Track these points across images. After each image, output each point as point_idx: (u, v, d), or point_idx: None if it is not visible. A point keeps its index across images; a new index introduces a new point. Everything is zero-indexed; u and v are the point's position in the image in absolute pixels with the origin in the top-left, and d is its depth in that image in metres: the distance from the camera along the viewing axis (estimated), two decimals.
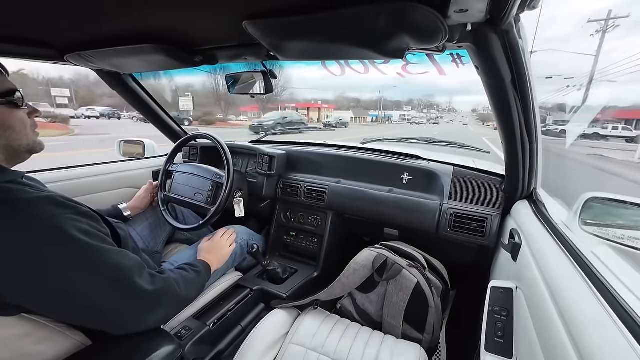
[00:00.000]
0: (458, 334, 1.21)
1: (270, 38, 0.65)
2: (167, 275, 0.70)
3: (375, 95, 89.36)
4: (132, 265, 0.60)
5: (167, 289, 0.67)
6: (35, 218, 0.51)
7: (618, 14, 17.93)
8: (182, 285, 0.72)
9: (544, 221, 0.77)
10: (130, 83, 1.30)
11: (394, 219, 1.23)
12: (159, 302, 0.63)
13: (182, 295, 0.71)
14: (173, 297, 0.68)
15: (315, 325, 0.92)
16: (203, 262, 0.93)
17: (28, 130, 0.61)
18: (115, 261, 0.57)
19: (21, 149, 0.59)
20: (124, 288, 0.57)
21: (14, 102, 0.57)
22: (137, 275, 0.60)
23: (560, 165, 6.76)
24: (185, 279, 0.76)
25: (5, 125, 0.56)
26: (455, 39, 0.57)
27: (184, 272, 0.79)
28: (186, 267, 0.83)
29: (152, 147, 1.68)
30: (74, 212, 0.56)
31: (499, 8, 0.46)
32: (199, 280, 0.84)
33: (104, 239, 0.59)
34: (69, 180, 1.24)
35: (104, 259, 0.56)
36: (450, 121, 54.98)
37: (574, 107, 12.20)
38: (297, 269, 1.38)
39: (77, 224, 0.55)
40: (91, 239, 0.55)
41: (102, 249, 0.56)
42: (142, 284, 0.60)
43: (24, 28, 0.70)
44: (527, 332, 0.54)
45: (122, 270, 0.58)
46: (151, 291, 0.61)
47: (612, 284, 0.45)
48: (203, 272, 0.87)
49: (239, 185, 1.31)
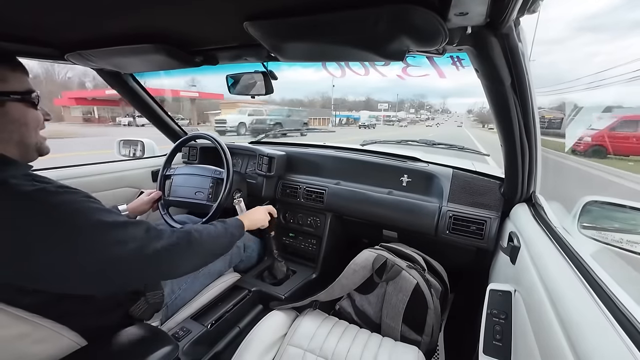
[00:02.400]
0: (456, 336, 1.21)
1: (270, 39, 0.65)
2: (186, 229, 0.71)
3: (362, 96, 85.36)
4: (149, 229, 0.63)
5: (186, 238, 0.68)
6: (51, 206, 0.52)
7: (604, 18, 17.92)
8: (204, 235, 0.74)
9: (542, 224, 0.77)
10: (130, 83, 1.30)
11: (393, 221, 1.23)
12: (180, 252, 0.66)
13: (204, 242, 0.73)
14: (195, 246, 0.70)
15: (314, 326, 0.92)
16: (235, 220, 0.92)
17: (38, 130, 0.63)
18: (134, 231, 0.59)
19: (31, 147, 0.61)
20: (150, 251, 0.60)
21: (32, 101, 0.60)
22: (155, 236, 0.62)
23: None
24: (208, 230, 0.77)
25: (20, 121, 0.58)
26: (455, 41, 0.58)
27: (208, 226, 0.80)
28: (214, 222, 0.85)
29: (151, 146, 1.68)
30: (85, 195, 0.58)
31: (499, 11, 0.46)
32: (225, 233, 0.83)
33: (118, 214, 0.61)
34: (68, 179, 1.24)
35: (128, 231, 0.58)
36: (436, 125, 47.14)
37: (573, 109, 12.27)
38: (295, 270, 1.37)
39: (94, 205, 0.57)
40: (105, 216, 0.57)
41: (122, 223, 0.58)
42: (161, 243, 0.62)
43: (25, 27, 0.69)
44: (526, 336, 0.54)
45: (143, 237, 0.60)
46: (170, 244, 0.64)
47: (610, 288, 0.45)
48: (231, 226, 0.87)
49: (238, 185, 1.31)
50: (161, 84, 19.37)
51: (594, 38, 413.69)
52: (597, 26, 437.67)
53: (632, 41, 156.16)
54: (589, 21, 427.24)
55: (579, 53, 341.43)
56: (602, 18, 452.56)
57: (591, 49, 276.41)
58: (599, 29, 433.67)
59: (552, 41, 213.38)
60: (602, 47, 57.78)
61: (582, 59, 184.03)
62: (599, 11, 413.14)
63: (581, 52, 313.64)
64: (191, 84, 26.53)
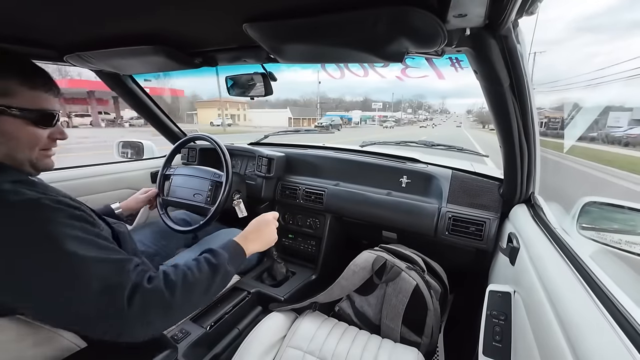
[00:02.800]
0: (456, 337, 1.21)
1: (270, 41, 0.65)
2: (153, 286, 0.55)
3: (357, 96, 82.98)
4: (121, 279, 0.53)
5: (151, 302, 0.54)
6: (24, 222, 0.50)
7: (601, 18, 18.01)
8: (178, 291, 0.57)
9: (542, 225, 0.77)
10: (129, 84, 1.30)
11: (393, 222, 1.23)
12: (144, 317, 0.53)
13: (176, 303, 0.57)
14: (163, 309, 0.55)
15: (313, 328, 0.92)
16: (233, 246, 0.73)
17: (36, 148, 0.59)
18: (100, 273, 0.51)
19: (24, 162, 0.58)
20: (110, 302, 0.51)
21: (33, 119, 0.57)
22: (122, 288, 0.52)
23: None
24: (187, 281, 0.60)
25: (11, 135, 0.55)
26: (454, 43, 0.58)
27: (188, 272, 0.61)
28: (201, 261, 0.66)
29: (150, 148, 1.68)
30: (66, 215, 0.53)
31: (498, 13, 0.47)
32: (214, 277, 0.65)
33: (98, 245, 0.54)
34: (67, 180, 1.24)
35: (89, 270, 0.50)
36: (432, 126, 45.21)
37: (572, 109, 12.14)
38: (295, 271, 1.37)
39: (68, 230, 0.51)
40: (76, 246, 0.51)
41: (87, 259, 0.51)
42: (125, 301, 0.51)
43: (24, 28, 0.69)
44: (525, 337, 0.54)
45: (107, 284, 0.51)
46: (136, 307, 0.52)
47: (610, 289, 0.45)
48: (226, 263, 0.67)
49: (237, 187, 1.31)
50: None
51: (593, 39, 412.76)
52: (596, 26, 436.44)
53: (632, 41, 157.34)
54: (587, 22, 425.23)
55: (578, 54, 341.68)
56: (601, 18, 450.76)
57: (590, 50, 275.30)
58: (598, 29, 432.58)
59: (551, 42, 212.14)
60: (601, 48, 58.09)
61: (582, 59, 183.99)
62: (598, 11, 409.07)
63: (580, 52, 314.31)
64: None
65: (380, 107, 70.76)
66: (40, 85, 0.59)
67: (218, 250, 0.70)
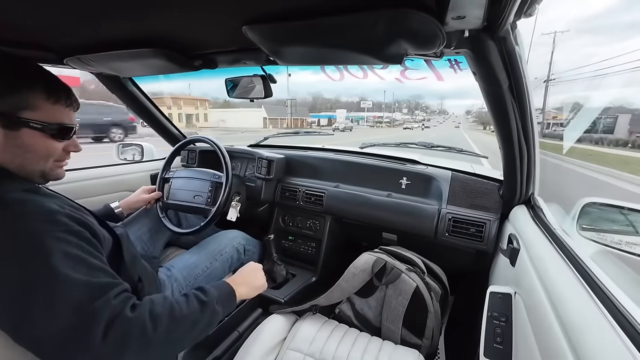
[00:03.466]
0: (457, 339, 1.20)
1: (269, 43, 0.65)
2: (135, 315, 0.50)
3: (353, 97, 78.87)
4: (98, 306, 0.48)
5: (130, 335, 0.48)
6: (18, 233, 0.49)
7: (602, 20, 17.95)
8: (162, 326, 0.52)
9: (542, 226, 0.77)
10: (129, 87, 1.30)
11: (393, 224, 1.23)
12: (118, 353, 0.47)
13: (157, 339, 0.51)
14: (142, 344, 0.49)
15: (314, 330, 0.92)
16: (223, 286, 0.70)
17: (50, 160, 0.59)
18: (76, 297, 0.47)
19: (35, 173, 0.58)
20: (80, 332, 0.46)
21: (52, 134, 0.57)
22: (92, 314, 0.47)
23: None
24: (174, 316, 0.55)
25: (28, 148, 0.55)
26: (452, 45, 0.58)
27: (176, 306, 0.57)
28: (190, 296, 0.61)
29: (150, 150, 1.68)
30: (64, 230, 0.52)
31: (496, 15, 0.47)
32: (201, 316, 0.59)
33: (87, 265, 0.51)
34: (67, 183, 1.24)
35: (64, 291, 0.47)
36: (421, 127, 44.45)
37: (571, 110, 12.03)
38: (295, 273, 1.37)
39: (59, 245, 0.49)
40: (65, 264, 0.48)
41: (68, 279, 0.47)
42: (99, 333, 0.46)
43: (24, 31, 0.70)
44: (526, 338, 0.53)
45: (81, 311, 0.46)
46: (104, 339, 0.46)
47: (610, 290, 0.45)
48: (214, 302, 0.63)
49: (237, 189, 1.31)
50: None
51: (592, 40, 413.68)
52: (595, 28, 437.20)
53: (630, 42, 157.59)
54: (586, 23, 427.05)
55: (577, 54, 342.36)
56: (600, 20, 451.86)
57: (589, 50, 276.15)
58: (597, 30, 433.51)
59: (549, 43, 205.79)
60: (600, 49, 57.23)
61: (581, 60, 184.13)
62: (597, 13, 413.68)
63: (579, 53, 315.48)
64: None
65: (370, 107, 65.89)
66: (63, 99, 0.59)
67: (209, 288, 0.66)
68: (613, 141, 10.57)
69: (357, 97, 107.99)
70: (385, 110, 76.72)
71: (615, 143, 10.05)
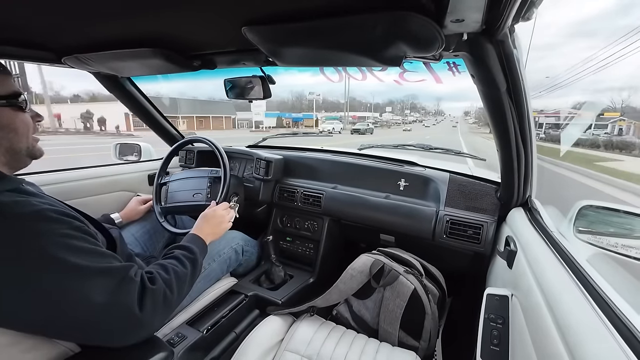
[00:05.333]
0: (454, 341, 1.20)
1: (269, 44, 0.66)
2: (157, 286, 0.61)
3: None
4: (129, 287, 0.56)
5: (158, 302, 0.60)
6: (23, 236, 0.49)
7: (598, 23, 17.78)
8: (175, 287, 0.65)
9: (539, 229, 0.77)
10: (127, 86, 1.29)
11: (391, 225, 1.23)
12: (154, 316, 0.59)
13: (174, 299, 0.65)
14: (166, 306, 0.62)
15: (311, 332, 0.91)
16: (198, 240, 0.83)
17: (30, 134, 0.61)
18: (105, 284, 0.53)
19: (22, 152, 0.59)
20: (114, 310, 0.53)
21: (18, 105, 0.58)
22: (125, 293, 0.55)
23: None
24: (179, 277, 0.67)
25: (9, 127, 0.56)
26: (451, 48, 0.58)
27: (177, 269, 0.69)
28: (181, 257, 0.73)
29: (148, 150, 1.67)
30: (68, 227, 0.54)
31: (494, 19, 0.47)
32: (195, 271, 0.74)
33: (99, 254, 0.56)
34: (64, 182, 1.23)
35: (91, 281, 0.52)
36: (405, 128, 41.29)
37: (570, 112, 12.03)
38: (293, 274, 1.36)
39: (68, 241, 0.52)
40: (81, 258, 0.52)
41: (90, 269, 0.52)
42: (131, 305, 0.55)
43: (22, 30, 0.69)
44: (523, 341, 0.54)
45: (114, 293, 0.54)
46: (142, 310, 0.56)
47: (607, 293, 0.45)
48: (199, 256, 0.77)
49: (235, 189, 1.31)
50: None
51: (588, 44, 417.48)
52: (591, 31, 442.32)
53: (627, 43, 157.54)
54: (582, 26, 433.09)
55: (573, 59, 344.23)
56: (596, 23, 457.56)
57: (586, 55, 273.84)
58: (593, 34, 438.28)
59: (546, 47, 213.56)
60: (596, 53, 58.63)
61: (577, 64, 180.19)
62: (594, 17, 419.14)
63: (576, 57, 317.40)
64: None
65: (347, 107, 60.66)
66: (1, 70, 0.58)
67: (191, 246, 0.78)
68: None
69: (351, 97, 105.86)
70: (369, 110, 75.00)
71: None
